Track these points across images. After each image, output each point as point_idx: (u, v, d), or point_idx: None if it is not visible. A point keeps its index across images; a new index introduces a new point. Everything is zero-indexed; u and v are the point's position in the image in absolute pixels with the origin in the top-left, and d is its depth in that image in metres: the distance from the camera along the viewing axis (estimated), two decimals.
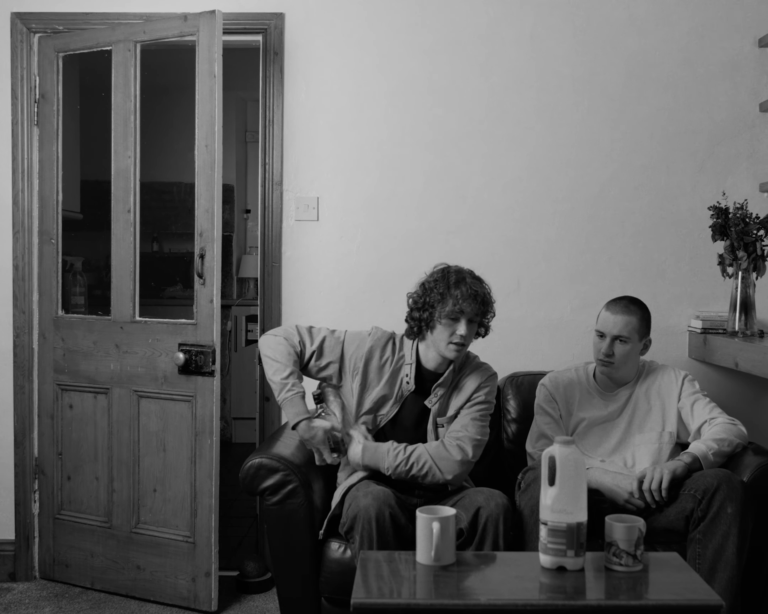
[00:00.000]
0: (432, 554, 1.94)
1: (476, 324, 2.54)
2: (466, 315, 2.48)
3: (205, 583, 2.99)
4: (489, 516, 2.33)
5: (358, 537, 2.30)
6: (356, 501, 2.35)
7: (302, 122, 3.24)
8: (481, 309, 2.51)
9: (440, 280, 2.53)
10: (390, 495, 2.37)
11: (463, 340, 2.49)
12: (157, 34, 3.04)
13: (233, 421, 5.60)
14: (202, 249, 2.97)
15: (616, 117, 3.23)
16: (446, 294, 2.49)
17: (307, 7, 3.22)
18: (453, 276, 2.53)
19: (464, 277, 2.52)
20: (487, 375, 2.63)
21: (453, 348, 2.50)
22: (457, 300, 2.47)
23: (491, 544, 2.31)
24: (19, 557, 3.29)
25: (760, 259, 2.95)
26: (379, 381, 2.59)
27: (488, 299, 2.54)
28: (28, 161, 3.25)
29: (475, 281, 2.53)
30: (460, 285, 2.49)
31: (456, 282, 2.50)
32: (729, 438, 2.57)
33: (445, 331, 2.49)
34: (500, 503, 2.36)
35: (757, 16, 3.20)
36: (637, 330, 2.69)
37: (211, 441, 2.97)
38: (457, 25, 3.22)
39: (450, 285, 2.50)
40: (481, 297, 2.50)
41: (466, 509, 2.38)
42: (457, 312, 2.47)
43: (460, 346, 2.50)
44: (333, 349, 2.61)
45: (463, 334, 2.47)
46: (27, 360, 3.27)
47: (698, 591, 1.84)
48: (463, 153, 3.25)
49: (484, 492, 2.42)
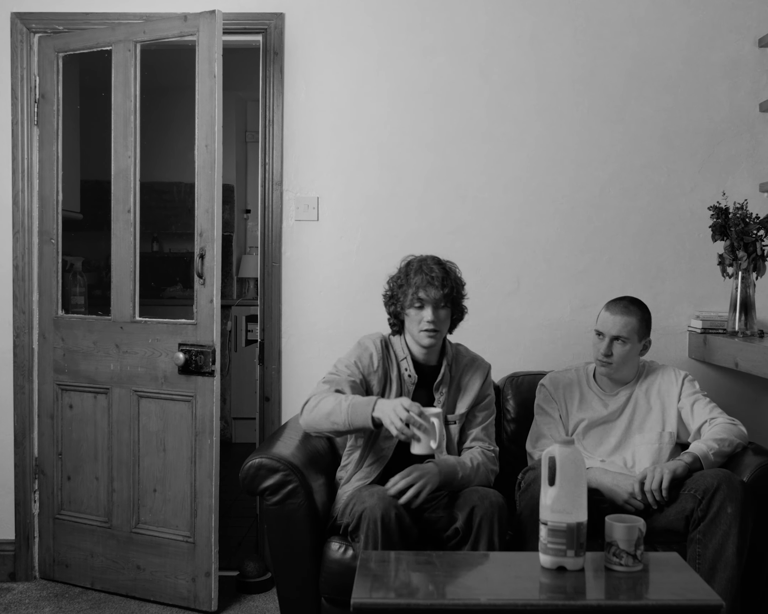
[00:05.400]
0: (432, 444, 2.28)
1: (447, 309, 2.55)
2: (430, 302, 2.51)
3: (205, 583, 2.99)
4: (484, 515, 2.33)
5: (363, 537, 2.29)
6: (362, 502, 2.35)
7: (302, 122, 3.24)
8: (444, 293, 2.51)
9: (401, 271, 2.59)
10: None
11: (432, 326, 2.51)
12: (157, 34, 3.04)
13: (233, 421, 5.60)
14: (202, 249, 2.97)
15: (616, 117, 3.23)
16: (406, 284, 2.54)
17: (307, 7, 3.22)
18: (414, 265, 2.56)
19: (422, 266, 2.54)
20: (486, 371, 2.70)
21: (425, 335, 2.53)
22: (416, 288, 2.51)
23: (486, 543, 2.32)
24: (19, 557, 3.29)
25: (760, 259, 2.95)
26: (392, 383, 2.60)
27: (452, 282, 2.54)
28: (28, 161, 3.25)
29: (436, 266, 2.54)
30: (419, 273, 2.52)
31: (416, 270, 2.54)
32: (729, 438, 2.57)
33: (415, 320, 2.54)
34: (495, 502, 2.36)
35: (757, 16, 3.20)
36: (637, 331, 2.69)
37: (211, 441, 2.97)
38: (457, 25, 3.22)
39: (410, 274, 2.54)
40: (440, 281, 2.50)
41: (460, 508, 2.39)
42: (420, 300, 2.51)
43: (432, 332, 2.52)
44: (353, 371, 2.56)
45: (430, 320, 2.50)
46: (27, 360, 3.27)
47: (698, 591, 1.83)
48: (463, 153, 3.25)
49: (479, 491, 2.42)
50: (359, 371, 2.56)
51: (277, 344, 3.27)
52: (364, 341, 2.63)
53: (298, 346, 3.27)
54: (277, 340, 3.27)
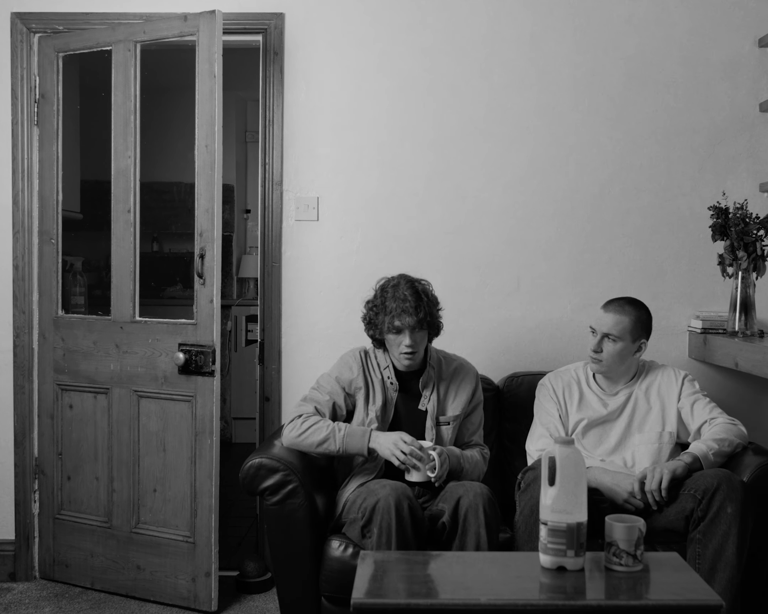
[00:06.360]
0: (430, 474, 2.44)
1: (424, 331, 2.61)
2: (405, 328, 2.56)
3: (205, 583, 2.99)
4: (469, 506, 2.36)
5: (376, 530, 2.29)
6: (374, 494, 2.37)
7: (302, 122, 3.24)
8: (418, 318, 2.55)
9: (377, 297, 2.65)
10: (407, 488, 2.40)
11: (410, 349, 2.58)
12: (157, 34, 3.04)
13: (233, 421, 5.60)
14: (202, 249, 2.97)
15: (616, 117, 3.23)
16: (383, 311, 2.60)
17: (307, 7, 3.22)
18: (388, 291, 2.62)
19: (395, 293, 2.58)
20: (476, 375, 2.80)
21: (404, 357, 2.61)
22: (392, 316, 2.56)
23: (474, 535, 2.33)
24: (19, 557, 3.29)
25: (760, 259, 2.95)
26: (376, 390, 2.66)
27: (425, 307, 2.58)
28: (28, 161, 3.25)
29: (409, 292, 2.58)
30: (393, 300, 2.57)
31: (390, 297, 2.59)
32: (729, 438, 2.57)
33: (394, 344, 2.61)
34: (479, 492, 2.39)
35: (757, 16, 3.20)
36: (630, 331, 2.69)
37: (211, 441, 2.97)
38: (457, 25, 3.22)
39: (385, 301, 2.60)
40: (413, 308, 2.54)
41: (447, 501, 2.42)
42: (395, 328, 2.56)
43: (409, 355, 2.59)
44: (334, 387, 2.66)
45: (408, 344, 2.57)
46: (27, 360, 3.27)
47: (698, 591, 1.83)
48: (463, 153, 3.25)
49: (464, 485, 2.45)
50: (340, 387, 2.65)
51: (277, 344, 3.27)
52: (345, 357, 2.72)
53: (298, 346, 3.27)
54: (277, 340, 3.27)
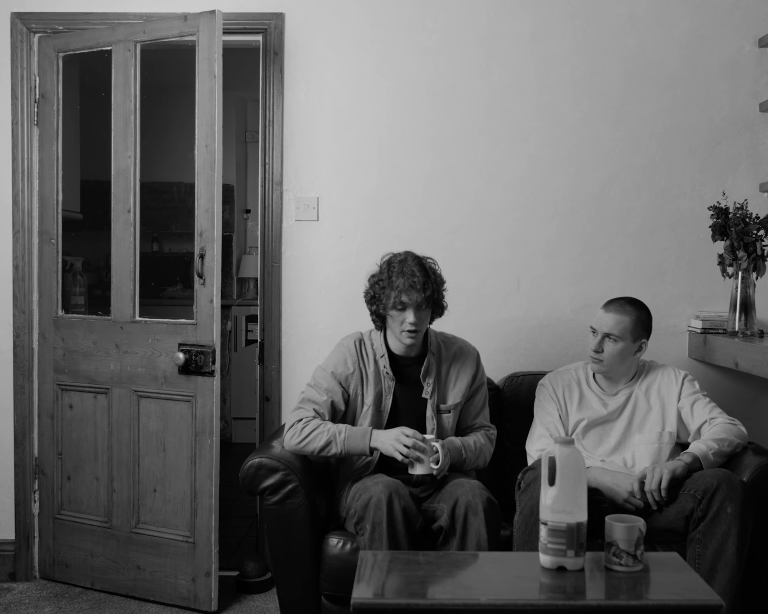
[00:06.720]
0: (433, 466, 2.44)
1: (429, 309, 2.58)
2: (411, 305, 2.53)
3: (205, 583, 2.99)
4: (468, 505, 2.36)
5: (369, 526, 2.30)
6: (367, 490, 2.38)
7: (302, 122, 3.24)
8: (425, 295, 2.53)
9: (383, 271, 2.61)
10: (400, 485, 2.40)
11: (414, 327, 2.54)
12: (157, 34, 3.04)
13: (233, 421, 5.60)
14: (202, 249, 2.96)
15: (616, 117, 3.23)
16: (388, 286, 2.56)
17: (307, 7, 3.22)
18: (395, 267, 2.58)
19: (403, 268, 2.55)
20: (476, 358, 2.76)
21: (406, 335, 2.57)
22: (399, 292, 2.52)
23: (475, 533, 2.33)
24: (19, 557, 3.29)
25: (760, 259, 2.95)
26: (370, 381, 2.64)
27: (432, 284, 2.56)
28: (28, 161, 3.25)
29: (417, 268, 2.55)
30: (401, 276, 2.54)
31: (398, 273, 2.55)
32: (729, 438, 2.57)
33: (397, 320, 2.57)
34: (477, 492, 2.39)
35: (757, 16, 3.20)
36: (630, 331, 2.69)
37: (211, 441, 2.97)
38: (457, 25, 3.22)
39: (391, 276, 2.56)
40: (421, 285, 2.52)
41: (445, 501, 2.42)
42: (401, 303, 2.53)
43: (413, 333, 2.56)
44: (330, 384, 2.64)
45: (412, 321, 2.53)
46: (27, 360, 3.27)
47: (698, 591, 1.84)
48: (462, 153, 3.25)
49: (463, 484, 2.45)
50: (336, 382, 2.63)
51: (277, 344, 3.27)
52: (341, 348, 2.69)
53: (298, 346, 3.27)
54: (277, 340, 3.27)
